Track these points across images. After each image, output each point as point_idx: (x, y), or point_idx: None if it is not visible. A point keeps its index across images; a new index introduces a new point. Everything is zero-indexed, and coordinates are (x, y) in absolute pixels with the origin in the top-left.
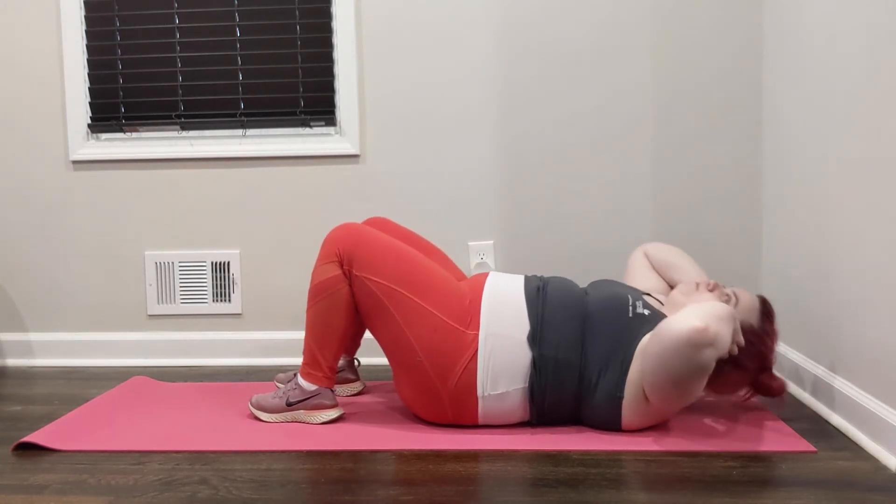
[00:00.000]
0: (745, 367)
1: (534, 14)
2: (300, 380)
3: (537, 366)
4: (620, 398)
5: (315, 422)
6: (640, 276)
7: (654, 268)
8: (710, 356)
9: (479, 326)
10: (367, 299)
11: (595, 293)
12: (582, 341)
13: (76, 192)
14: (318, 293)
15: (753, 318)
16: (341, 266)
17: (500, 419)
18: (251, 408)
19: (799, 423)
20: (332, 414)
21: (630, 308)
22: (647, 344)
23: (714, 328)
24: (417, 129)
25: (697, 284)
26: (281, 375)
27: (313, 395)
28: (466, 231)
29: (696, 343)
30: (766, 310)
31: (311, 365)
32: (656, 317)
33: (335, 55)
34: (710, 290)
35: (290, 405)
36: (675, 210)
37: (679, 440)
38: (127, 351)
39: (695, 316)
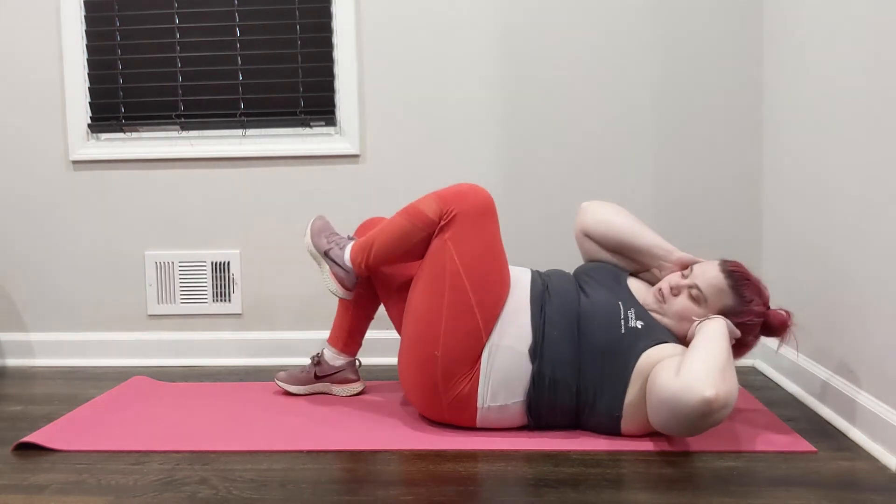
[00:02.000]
0: (748, 342)
1: (534, 14)
2: (347, 252)
3: (535, 381)
4: (618, 417)
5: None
6: (602, 259)
7: (607, 249)
8: (725, 414)
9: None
10: (435, 265)
11: (587, 302)
12: (577, 359)
13: (76, 192)
14: (409, 215)
15: (728, 298)
16: (440, 218)
17: (497, 425)
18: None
19: (799, 423)
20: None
21: (622, 322)
22: (655, 378)
23: (724, 390)
24: (417, 129)
25: (661, 292)
26: (282, 374)
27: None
28: None
29: (708, 413)
30: (733, 283)
31: (360, 250)
32: (651, 329)
33: (335, 55)
34: (675, 296)
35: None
36: (675, 210)
37: (679, 440)
38: (127, 351)
39: (703, 382)
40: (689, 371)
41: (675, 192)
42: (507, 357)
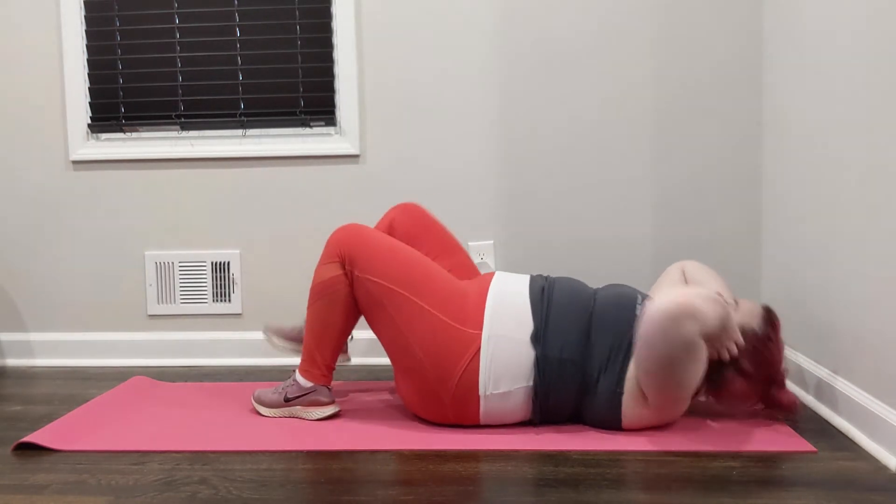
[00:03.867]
0: (749, 373)
1: (534, 13)
2: (298, 376)
3: (540, 366)
4: (620, 394)
5: (311, 418)
6: (667, 287)
7: (686, 282)
8: (691, 329)
9: (481, 326)
10: (368, 300)
11: (603, 293)
12: (586, 340)
13: (76, 192)
14: (319, 293)
15: (755, 323)
16: (343, 267)
17: (501, 418)
18: (253, 401)
19: (799, 423)
20: (328, 410)
21: (637, 306)
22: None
23: (695, 302)
24: (417, 128)
25: None
26: (272, 323)
27: (310, 391)
28: (466, 231)
29: (673, 315)
30: (769, 317)
31: (309, 363)
32: None
33: (335, 55)
34: None
35: (287, 401)
36: (675, 210)
37: (679, 440)
38: (127, 351)
39: (676, 293)
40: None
41: (675, 190)
42: (507, 346)
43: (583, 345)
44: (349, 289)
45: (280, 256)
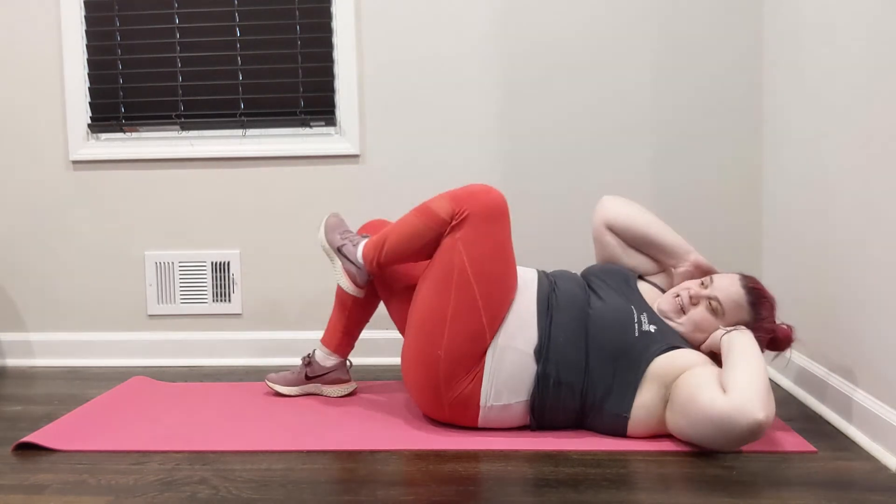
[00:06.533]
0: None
1: (534, 15)
2: (359, 252)
3: (540, 381)
4: (626, 418)
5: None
6: (617, 258)
7: (627, 244)
8: (751, 441)
9: (493, 336)
10: (443, 264)
11: (599, 305)
12: (585, 360)
13: (76, 192)
14: (423, 215)
15: (745, 314)
16: (451, 219)
17: (499, 424)
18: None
19: (799, 423)
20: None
21: (636, 326)
22: (696, 393)
23: (771, 411)
24: (417, 129)
25: (682, 307)
26: (273, 375)
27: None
28: None
29: (757, 433)
30: (753, 300)
31: (374, 247)
32: (664, 333)
33: (335, 55)
34: (695, 305)
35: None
36: (675, 210)
37: (679, 440)
38: (127, 351)
39: (755, 404)
40: (740, 392)
41: (675, 190)
42: (512, 358)
43: (581, 366)
44: (439, 236)
45: (280, 256)
